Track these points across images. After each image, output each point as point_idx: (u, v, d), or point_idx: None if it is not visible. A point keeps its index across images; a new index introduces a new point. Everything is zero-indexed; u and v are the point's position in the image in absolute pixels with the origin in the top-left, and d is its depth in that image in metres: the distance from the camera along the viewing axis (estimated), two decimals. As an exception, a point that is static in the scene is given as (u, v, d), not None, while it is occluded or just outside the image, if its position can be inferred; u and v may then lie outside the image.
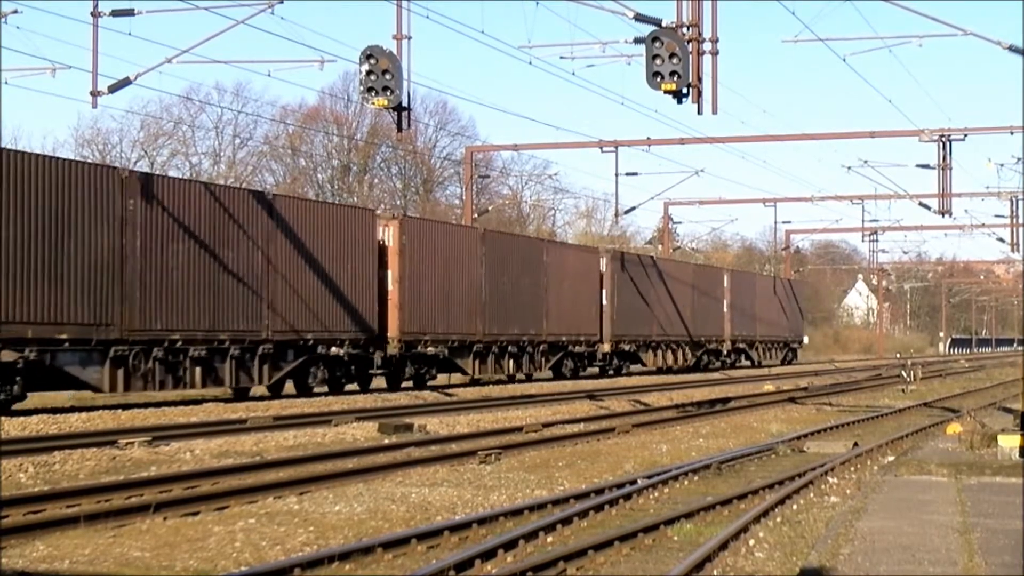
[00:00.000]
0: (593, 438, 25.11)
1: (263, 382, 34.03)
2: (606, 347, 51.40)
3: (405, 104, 23.81)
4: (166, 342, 29.93)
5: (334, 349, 35.82)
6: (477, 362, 42.54)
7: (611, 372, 52.31)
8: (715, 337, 62.83)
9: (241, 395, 33.82)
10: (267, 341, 33.16)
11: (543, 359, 46.84)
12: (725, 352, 64.14)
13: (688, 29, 21.39)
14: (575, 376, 48.91)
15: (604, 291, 51.07)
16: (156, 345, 29.67)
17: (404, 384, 39.18)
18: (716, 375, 57.63)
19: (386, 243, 38.35)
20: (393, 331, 38.23)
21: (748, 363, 68.02)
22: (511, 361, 44.58)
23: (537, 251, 47.48)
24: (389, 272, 38.24)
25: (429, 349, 39.96)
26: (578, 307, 49.31)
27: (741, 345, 66.37)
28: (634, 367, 55.33)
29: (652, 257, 60.15)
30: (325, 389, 36.32)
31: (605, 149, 48.45)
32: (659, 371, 55.93)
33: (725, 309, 63.71)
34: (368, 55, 22.64)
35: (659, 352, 56.30)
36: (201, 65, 78.66)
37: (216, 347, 31.50)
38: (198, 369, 30.91)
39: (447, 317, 40.80)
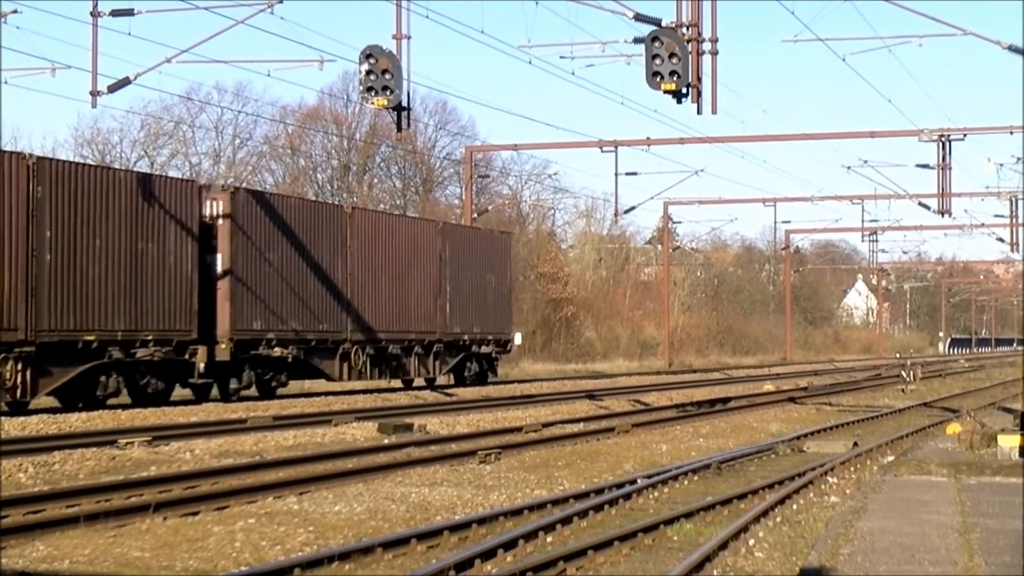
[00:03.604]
0: (593, 438, 25.11)
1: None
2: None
3: (405, 104, 23.79)
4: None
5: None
6: None
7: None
8: (156, 335, 29.90)
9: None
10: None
11: None
12: (202, 367, 31.26)
13: (688, 29, 21.37)
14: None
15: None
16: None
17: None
18: (716, 374, 57.57)
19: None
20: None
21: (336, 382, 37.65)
22: None
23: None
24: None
25: None
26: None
27: (282, 352, 33.73)
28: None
29: None
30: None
31: (605, 149, 48.40)
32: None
33: (218, 268, 31.95)
34: (368, 55, 22.62)
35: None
36: (201, 65, 78.60)
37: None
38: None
39: None
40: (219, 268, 31.77)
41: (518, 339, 47.59)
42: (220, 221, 31.88)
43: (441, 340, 40.87)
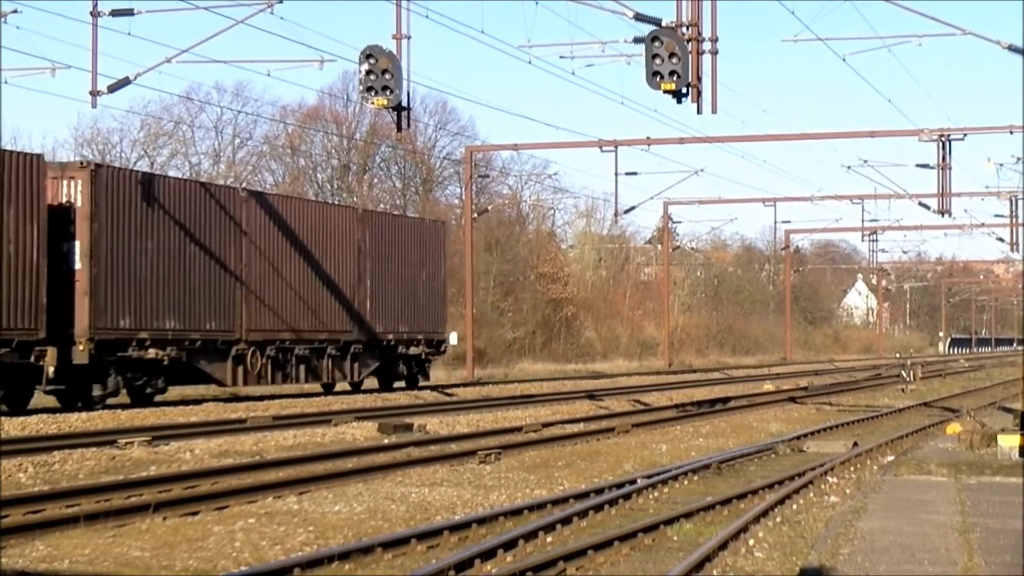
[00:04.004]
0: (593, 438, 25.11)
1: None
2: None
3: (405, 104, 23.80)
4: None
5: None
6: None
7: None
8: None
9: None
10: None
11: None
12: (52, 371, 27.56)
13: (688, 29, 21.37)
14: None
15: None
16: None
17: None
18: (716, 374, 57.52)
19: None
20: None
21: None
22: None
23: None
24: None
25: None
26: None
27: (158, 353, 30.04)
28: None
29: None
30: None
31: (605, 149, 48.31)
32: None
33: (76, 258, 28.85)
34: (368, 55, 22.61)
35: None
36: (201, 65, 78.43)
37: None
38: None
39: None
40: (77, 257, 28.23)
41: (453, 339, 44.01)
42: (79, 203, 28.29)
43: (360, 340, 37.18)
